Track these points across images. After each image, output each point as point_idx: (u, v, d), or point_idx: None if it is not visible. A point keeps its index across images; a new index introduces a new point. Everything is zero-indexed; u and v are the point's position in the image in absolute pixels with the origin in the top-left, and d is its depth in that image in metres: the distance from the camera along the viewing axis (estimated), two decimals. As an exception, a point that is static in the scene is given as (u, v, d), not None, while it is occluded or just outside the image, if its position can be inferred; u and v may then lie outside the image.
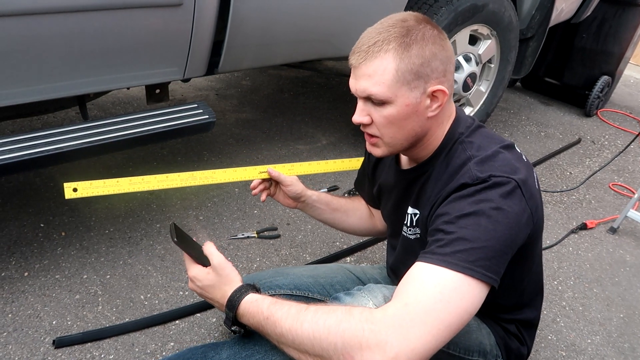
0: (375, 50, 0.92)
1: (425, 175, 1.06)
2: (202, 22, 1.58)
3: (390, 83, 0.92)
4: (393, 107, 0.94)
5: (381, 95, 0.93)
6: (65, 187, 1.12)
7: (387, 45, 0.91)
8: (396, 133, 0.98)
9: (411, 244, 1.11)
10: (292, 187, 1.30)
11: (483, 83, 2.74)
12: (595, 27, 3.47)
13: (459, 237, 0.86)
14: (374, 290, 0.99)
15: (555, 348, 1.60)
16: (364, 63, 0.93)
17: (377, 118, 0.97)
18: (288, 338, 0.85)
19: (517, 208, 0.89)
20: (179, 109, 1.68)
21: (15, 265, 1.62)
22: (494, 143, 0.99)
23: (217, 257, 1.01)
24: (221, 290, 0.99)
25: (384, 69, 0.91)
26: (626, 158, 3.07)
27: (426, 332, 0.78)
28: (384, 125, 0.97)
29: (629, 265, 2.07)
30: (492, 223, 0.86)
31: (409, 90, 0.93)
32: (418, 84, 0.93)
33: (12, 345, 1.36)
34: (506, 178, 0.90)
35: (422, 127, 0.99)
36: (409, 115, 0.95)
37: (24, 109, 1.66)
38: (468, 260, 0.83)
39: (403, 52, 0.91)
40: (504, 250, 0.87)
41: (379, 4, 2.04)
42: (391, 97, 0.93)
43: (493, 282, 0.85)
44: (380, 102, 0.95)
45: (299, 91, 3.37)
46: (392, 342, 0.77)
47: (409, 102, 0.94)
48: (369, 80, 0.93)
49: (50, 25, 1.30)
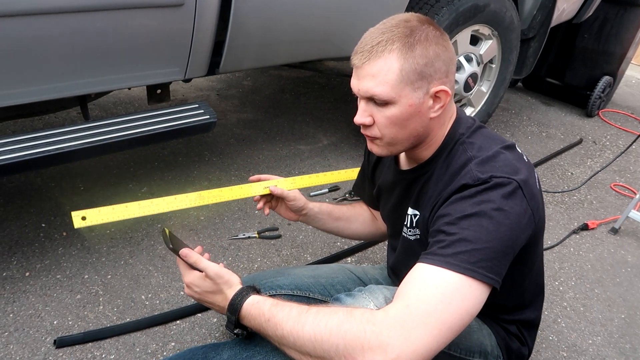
0: (380, 50, 0.91)
1: (426, 176, 1.05)
2: (203, 22, 1.58)
3: (394, 83, 0.91)
4: (396, 108, 0.94)
5: (385, 95, 0.92)
6: (73, 216, 1.11)
7: (391, 45, 0.91)
8: (398, 134, 0.98)
9: (411, 245, 1.11)
10: (295, 202, 1.30)
11: (484, 83, 2.73)
12: (596, 27, 3.47)
13: (461, 239, 0.86)
14: (375, 291, 0.99)
15: (557, 349, 1.60)
16: (367, 63, 0.92)
17: (379, 119, 0.96)
18: (289, 340, 0.85)
19: (518, 209, 0.89)
20: (180, 109, 1.68)
21: (16, 265, 1.63)
22: (494, 144, 0.99)
23: (211, 268, 0.99)
24: (222, 294, 0.98)
25: (388, 69, 0.91)
26: (628, 158, 3.07)
27: (427, 333, 0.78)
28: (386, 125, 0.97)
29: (631, 266, 2.07)
30: (494, 224, 0.86)
31: (412, 91, 0.93)
32: (421, 84, 0.93)
33: (13, 345, 1.36)
34: (507, 179, 0.90)
35: (424, 128, 0.98)
36: (411, 116, 0.95)
37: (26, 109, 1.66)
38: (469, 262, 0.83)
39: (407, 52, 0.90)
40: (505, 251, 0.87)
41: (380, 4, 2.04)
42: (395, 98, 0.92)
43: (494, 283, 0.85)
44: (384, 103, 0.94)
45: (300, 91, 3.37)
46: (393, 343, 0.77)
47: (412, 103, 0.93)
48: (373, 80, 0.92)
49: (51, 25, 1.30)
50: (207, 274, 0.99)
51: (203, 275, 1.00)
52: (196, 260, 1.01)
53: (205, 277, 1.00)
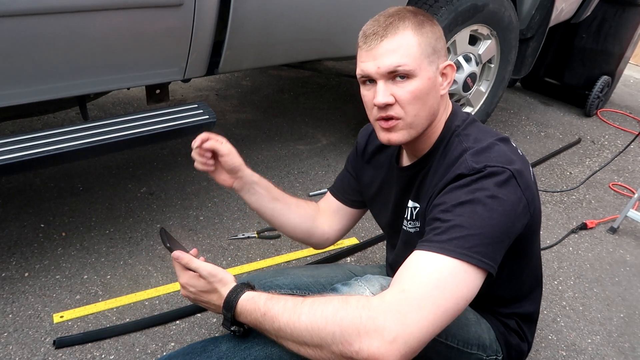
0: (395, 27, 0.95)
1: (425, 169, 1.07)
2: (203, 22, 1.58)
3: (416, 55, 0.95)
4: (418, 81, 0.96)
5: (410, 66, 0.94)
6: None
7: (404, 23, 0.95)
8: (420, 110, 0.98)
9: (411, 237, 1.11)
10: (228, 157, 1.17)
11: (483, 83, 2.74)
12: (595, 27, 3.47)
13: (455, 225, 0.87)
14: (371, 279, 1.00)
15: (556, 348, 1.60)
16: (385, 41, 0.95)
17: (401, 95, 0.96)
18: (286, 332, 0.85)
19: (512, 197, 0.91)
20: (179, 109, 1.68)
21: (15, 265, 1.62)
22: (489, 136, 1.01)
23: (204, 267, 0.99)
24: (217, 292, 0.99)
25: (408, 43, 0.95)
26: (626, 158, 3.07)
27: (423, 317, 0.80)
28: (409, 101, 0.97)
29: (629, 265, 2.07)
30: (488, 210, 0.88)
31: (429, 64, 0.97)
32: (434, 59, 0.98)
33: (12, 346, 1.36)
34: (501, 168, 0.92)
35: (438, 106, 1.02)
36: (430, 90, 0.98)
37: (24, 110, 1.66)
38: (464, 247, 0.85)
39: (420, 28, 0.96)
40: (500, 237, 0.89)
41: (379, 3, 2.03)
42: (417, 70, 0.95)
43: (489, 269, 0.86)
44: (406, 76, 0.95)
45: (299, 91, 3.37)
46: (390, 327, 0.78)
47: (430, 76, 0.97)
48: (395, 53, 0.94)
49: (50, 25, 1.30)
50: (201, 273, 0.99)
51: (197, 275, 1.00)
52: (188, 261, 1.01)
53: (199, 277, 1.00)
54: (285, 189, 2.23)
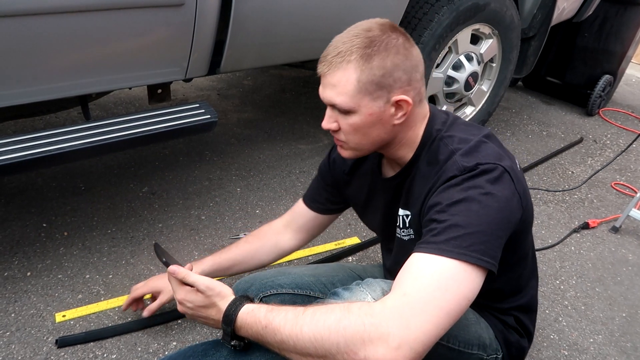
0: (338, 61, 0.94)
1: (410, 176, 1.07)
2: (204, 22, 1.58)
3: (352, 93, 0.95)
4: (357, 116, 0.97)
5: (344, 105, 0.96)
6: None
7: (349, 57, 0.94)
8: (362, 140, 1.02)
9: (406, 245, 1.11)
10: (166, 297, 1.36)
11: (485, 82, 2.73)
12: (597, 26, 3.46)
13: (452, 224, 0.87)
14: (373, 284, 1.00)
15: (558, 347, 1.60)
16: (329, 73, 0.96)
17: (343, 125, 1.01)
18: (289, 344, 0.84)
19: (506, 192, 0.91)
20: (180, 109, 1.68)
21: (17, 265, 1.63)
22: (473, 134, 1.01)
23: (201, 281, 0.98)
24: (215, 306, 0.97)
25: (347, 80, 0.94)
26: (628, 157, 3.06)
27: (427, 321, 0.79)
28: (349, 132, 1.01)
29: (631, 265, 2.07)
30: (483, 208, 0.88)
31: (371, 100, 0.96)
32: (381, 94, 0.95)
33: (15, 345, 1.36)
34: (493, 164, 0.92)
35: (388, 134, 1.01)
36: (373, 124, 0.98)
37: (26, 110, 1.67)
38: (462, 246, 0.84)
39: (364, 64, 0.93)
40: (497, 233, 0.89)
41: (380, 3, 2.04)
42: (354, 107, 0.96)
43: (489, 266, 0.86)
44: (345, 111, 0.97)
45: (301, 91, 3.37)
46: (394, 332, 0.77)
47: (372, 112, 0.96)
48: (333, 90, 0.96)
49: (52, 25, 1.31)
50: (198, 287, 0.98)
51: (194, 290, 0.99)
52: (185, 275, 1.00)
53: (197, 292, 0.99)
54: (287, 188, 2.24)
